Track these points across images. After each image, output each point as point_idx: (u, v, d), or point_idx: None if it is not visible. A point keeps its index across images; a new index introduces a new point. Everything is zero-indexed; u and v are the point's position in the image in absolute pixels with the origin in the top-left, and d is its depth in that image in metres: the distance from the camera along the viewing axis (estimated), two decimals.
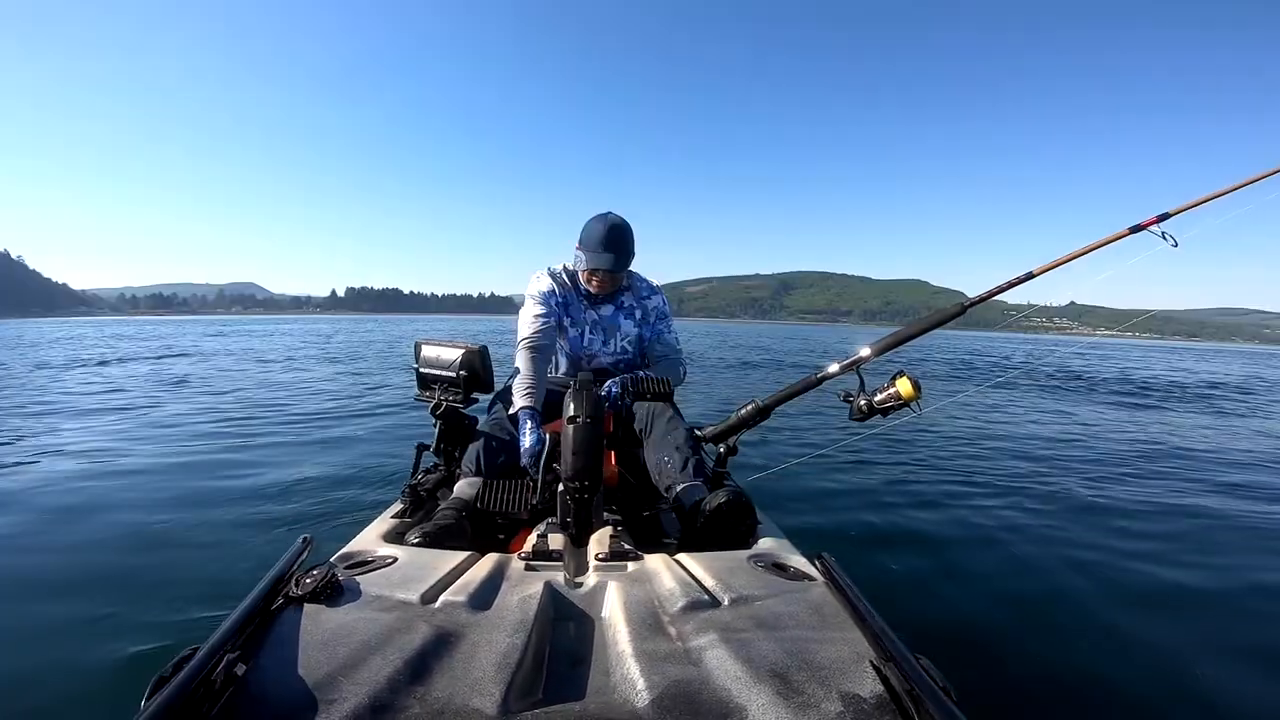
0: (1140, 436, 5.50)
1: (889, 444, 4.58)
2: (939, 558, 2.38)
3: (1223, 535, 2.80)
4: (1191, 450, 4.87)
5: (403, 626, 0.75)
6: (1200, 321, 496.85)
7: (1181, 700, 1.56)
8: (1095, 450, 4.77)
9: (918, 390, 1.68)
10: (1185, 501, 3.32)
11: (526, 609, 0.82)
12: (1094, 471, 4.00)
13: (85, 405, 5.74)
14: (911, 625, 1.80)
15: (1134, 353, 22.80)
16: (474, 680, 0.66)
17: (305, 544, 0.97)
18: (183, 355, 12.75)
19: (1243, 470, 4.22)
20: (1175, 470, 4.13)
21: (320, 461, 3.61)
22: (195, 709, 0.58)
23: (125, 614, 1.78)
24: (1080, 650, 1.77)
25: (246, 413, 5.32)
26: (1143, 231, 1.85)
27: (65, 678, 1.49)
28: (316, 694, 0.62)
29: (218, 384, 7.63)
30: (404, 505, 1.46)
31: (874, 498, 3.17)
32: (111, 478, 3.18)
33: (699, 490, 1.46)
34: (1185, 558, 2.47)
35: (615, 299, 1.95)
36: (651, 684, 0.67)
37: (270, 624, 0.75)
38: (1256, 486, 3.74)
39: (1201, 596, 2.14)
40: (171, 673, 0.61)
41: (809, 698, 0.64)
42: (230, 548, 2.28)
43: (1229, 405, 8.43)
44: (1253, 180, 1.87)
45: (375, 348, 16.11)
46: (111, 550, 2.24)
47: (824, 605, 0.86)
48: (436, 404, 1.77)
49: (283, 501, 2.81)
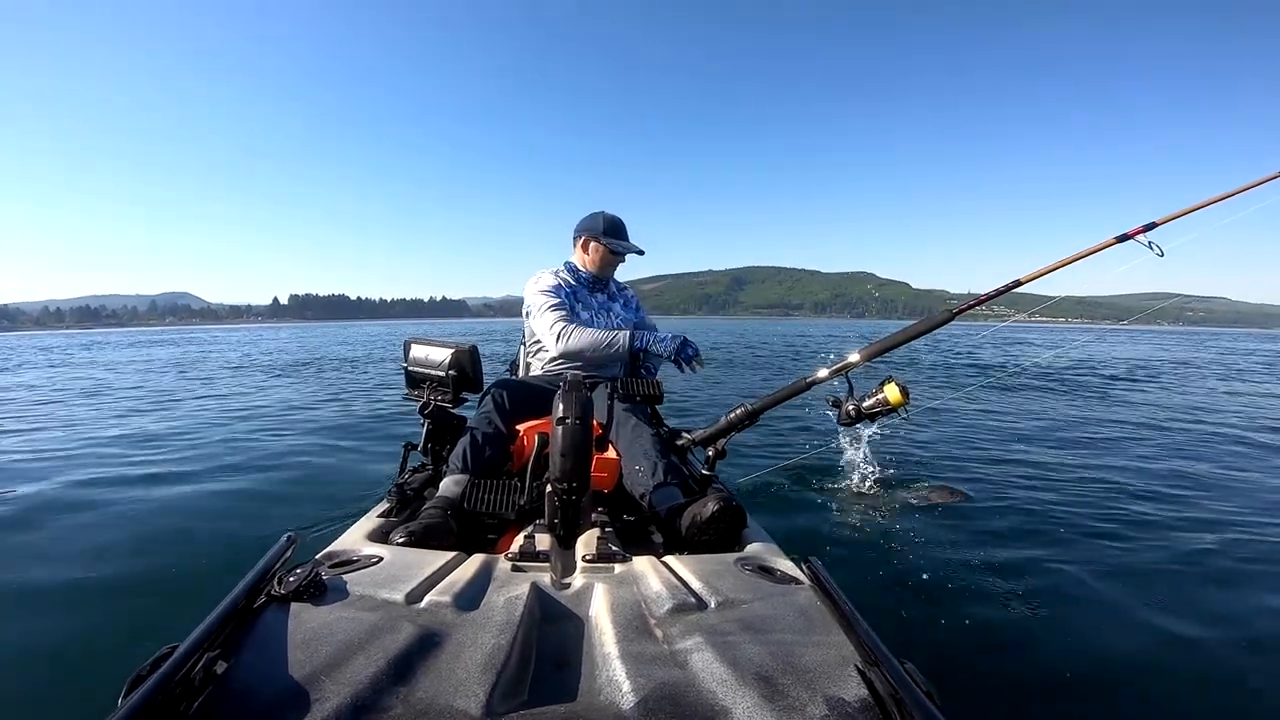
0: (1133, 418, 5.59)
1: (875, 448, 4.61)
2: (925, 562, 2.40)
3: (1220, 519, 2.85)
4: (1169, 431, 4.96)
5: (387, 626, 0.74)
6: (1128, 306, 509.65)
7: (1171, 700, 1.59)
8: (1092, 448, 4.83)
9: (905, 396, 1.70)
10: (1166, 489, 3.38)
11: (512, 610, 0.81)
12: (1086, 472, 4.05)
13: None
14: (897, 629, 1.82)
15: (1084, 337, 23.08)
16: (459, 681, 0.65)
17: (290, 542, 0.96)
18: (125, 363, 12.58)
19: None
20: (1147, 463, 4.20)
21: (305, 461, 3.58)
22: (173, 708, 0.57)
23: (102, 613, 1.75)
24: (1064, 653, 1.79)
25: (220, 416, 5.25)
26: (1129, 241, 1.89)
27: (36, 680, 1.46)
28: (298, 693, 0.61)
29: (195, 389, 7.55)
30: (390, 504, 1.45)
31: (860, 502, 3.19)
32: (97, 484, 3.13)
33: (672, 494, 1.46)
34: (1178, 551, 2.51)
35: (606, 287, 2.22)
36: (637, 686, 0.67)
37: (252, 622, 0.74)
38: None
39: (1198, 594, 2.18)
40: (149, 671, 0.60)
41: (794, 701, 0.64)
42: (213, 545, 2.25)
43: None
44: (1237, 192, 1.92)
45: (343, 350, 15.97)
46: (90, 552, 2.20)
47: (810, 609, 0.86)
48: (425, 403, 1.76)
49: (267, 500, 2.78)
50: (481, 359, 1.86)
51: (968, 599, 2.11)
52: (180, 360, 14.23)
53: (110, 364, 12.94)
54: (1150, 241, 1.86)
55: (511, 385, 1.81)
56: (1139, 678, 1.67)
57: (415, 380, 1.86)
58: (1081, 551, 2.52)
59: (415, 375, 1.85)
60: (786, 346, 19.02)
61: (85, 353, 19.08)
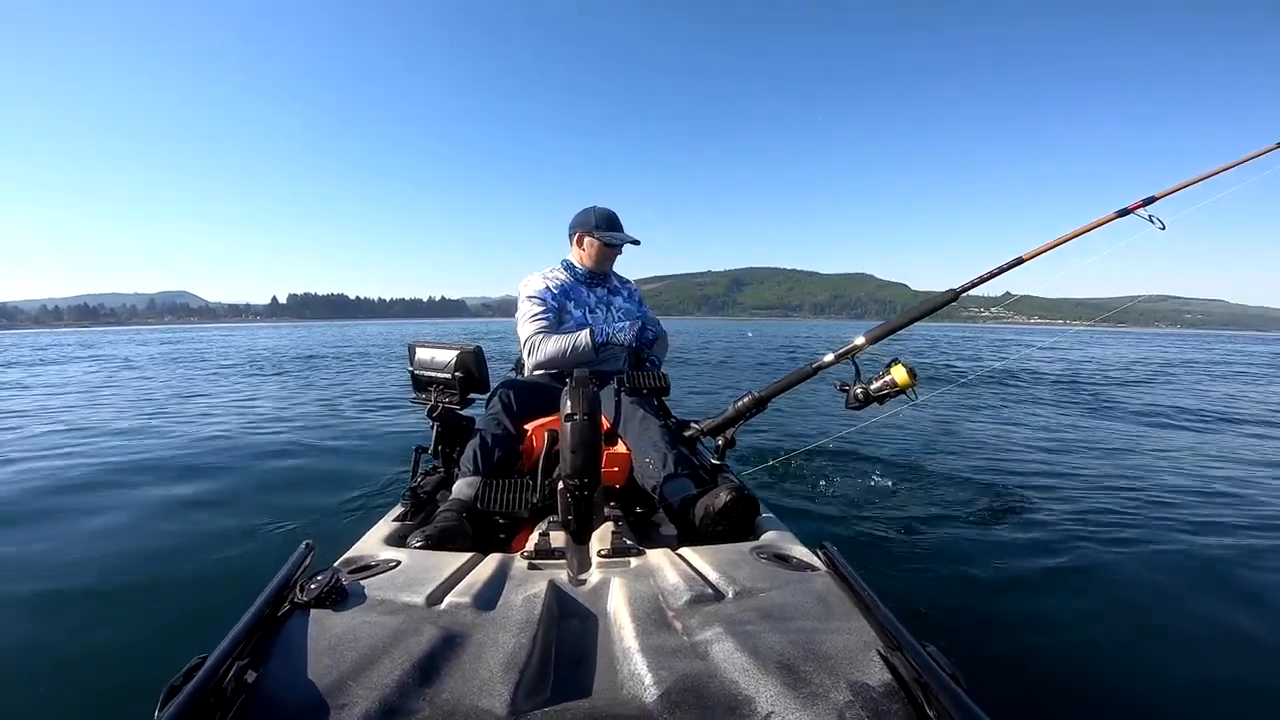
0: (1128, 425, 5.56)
1: (886, 432, 4.60)
2: (942, 545, 2.39)
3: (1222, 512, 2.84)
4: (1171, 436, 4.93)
5: (409, 629, 0.75)
6: (1126, 310, 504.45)
7: (1191, 687, 1.57)
8: (1106, 443, 4.82)
9: (913, 377, 1.68)
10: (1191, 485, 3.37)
11: (531, 608, 0.82)
12: (1101, 459, 4.04)
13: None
14: (917, 613, 1.82)
15: (1066, 339, 22.88)
16: (483, 681, 0.66)
17: (308, 550, 0.97)
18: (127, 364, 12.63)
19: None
20: (1161, 461, 4.18)
21: (319, 467, 3.59)
22: (208, 717, 0.58)
23: (126, 625, 1.76)
24: (1089, 635, 1.79)
25: (229, 421, 5.27)
26: (1130, 215, 1.86)
27: (71, 690, 1.48)
28: (327, 699, 0.62)
29: (203, 388, 7.58)
30: (405, 508, 1.46)
31: (873, 487, 3.19)
32: (95, 489, 3.15)
33: (684, 486, 1.46)
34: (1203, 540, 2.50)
35: (606, 280, 2.23)
36: (659, 679, 0.67)
37: (277, 630, 0.75)
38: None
39: (1220, 582, 2.16)
40: (182, 681, 0.61)
41: (817, 688, 0.65)
42: (231, 555, 2.27)
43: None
44: (1238, 163, 1.88)
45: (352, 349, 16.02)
46: (106, 564, 2.22)
47: (829, 595, 0.86)
48: (432, 406, 1.77)
49: (282, 509, 2.79)
50: (486, 360, 1.86)
51: (989, 582, 2.10)
52: (180, 356, 14.31)
53: (108, 357, 13.03)
54: (1151, 215, 1.83)
55: (518, 385, 1.81)
56: (1164, 669, 1.64)
57: (422, 383, 1.86)
58: (1100, 539, 2.50)
59: (421, 378, 1.85)
60: (783, 346, 18.94)
61: (85, 351, 19.19)
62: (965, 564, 2.22)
